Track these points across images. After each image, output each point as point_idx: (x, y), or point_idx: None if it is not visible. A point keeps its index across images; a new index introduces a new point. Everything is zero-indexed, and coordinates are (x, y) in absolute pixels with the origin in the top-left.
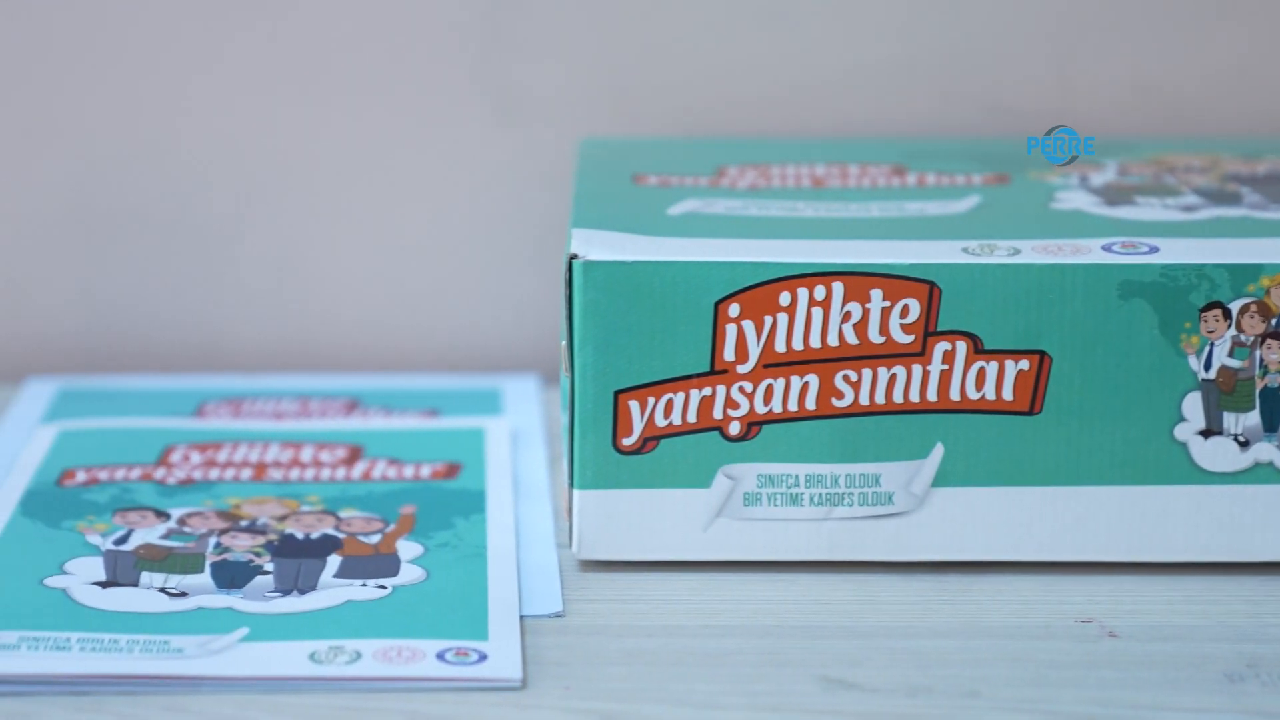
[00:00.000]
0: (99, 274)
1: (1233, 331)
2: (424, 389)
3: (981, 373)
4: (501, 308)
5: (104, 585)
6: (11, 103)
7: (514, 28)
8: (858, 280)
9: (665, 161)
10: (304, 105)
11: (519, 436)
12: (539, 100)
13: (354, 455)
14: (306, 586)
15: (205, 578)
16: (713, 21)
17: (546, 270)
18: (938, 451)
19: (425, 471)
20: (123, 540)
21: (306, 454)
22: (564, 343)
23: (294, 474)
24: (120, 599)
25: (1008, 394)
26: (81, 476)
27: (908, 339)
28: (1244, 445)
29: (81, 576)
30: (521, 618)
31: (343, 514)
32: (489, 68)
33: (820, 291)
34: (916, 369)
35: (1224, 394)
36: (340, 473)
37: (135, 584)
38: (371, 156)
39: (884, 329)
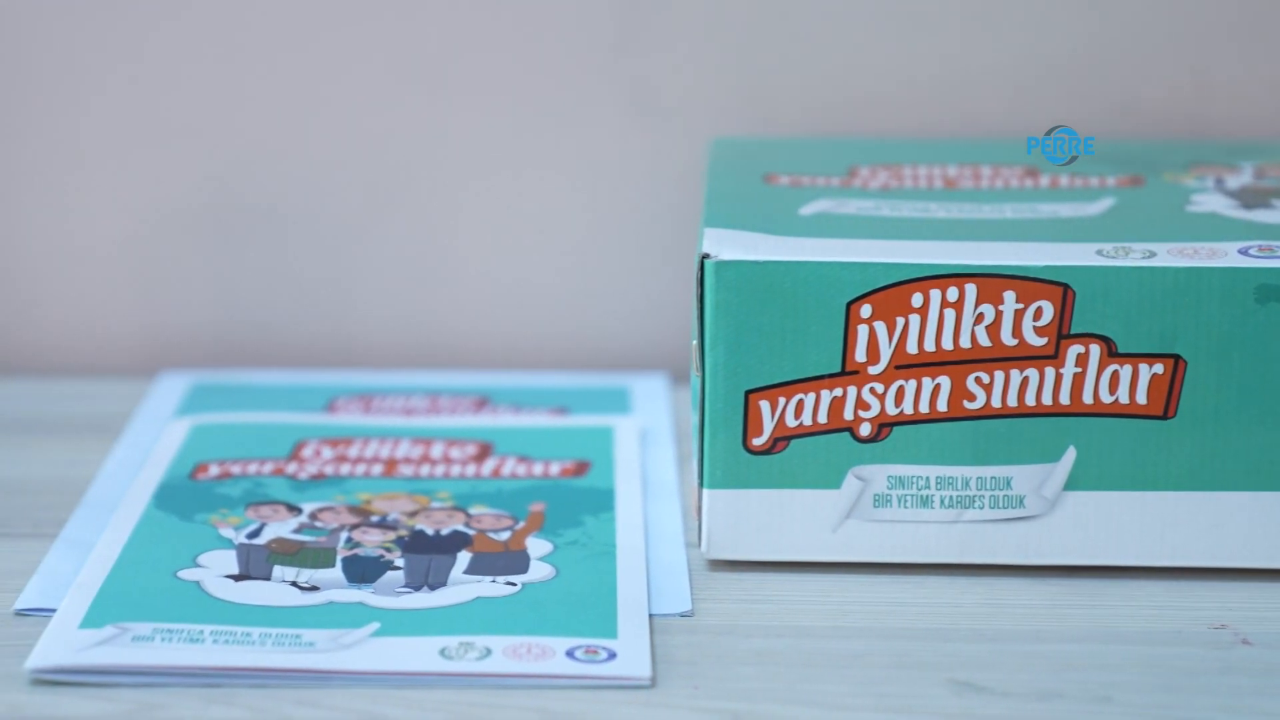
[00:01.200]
0: (232, 270)
1: None
2: (553, 387)
3: (1115, 376)
4: (631, 306)
5: (236, 578)
6: (147, 100)
7: (646, 27)
8: (991, 282)
9: (797, 161)
10: (437, 102)
11: (648, 435)
12: (671, 99)
13: (484, 452)
14: (437, 582)
15: (336, 572)
16: (845, 21)
17: (676, 269)
18: (1070, 455)
19: (554, 469)
20: (255, 534)
21: (437, 450)
22: (695, 342)
23: (424, 470)
24: (252, 592)
25: (1141, 398)
26: (214, 470)
27: (1041, 341)
28: None
29: (214, 569)
30: (650, 616)
31: (473, 510)
32: (621, 67)
33: (953, 293)
34: (1049, 371)
35: None
36: (470, 469)
37: (267, 578)
38: (503, 154)
39: (1017, 331)
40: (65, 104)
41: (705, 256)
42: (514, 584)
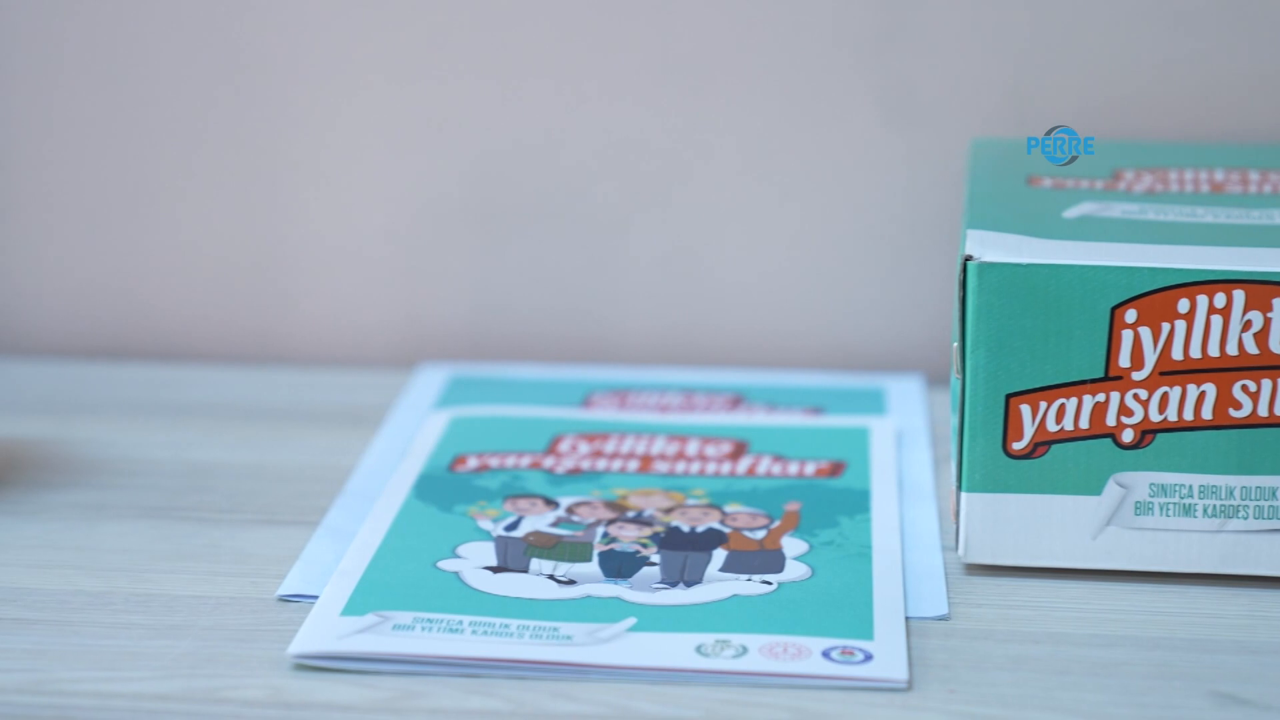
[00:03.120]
0: (492, 264)
1: None
2: (808, 386)
3: None
4: (887, 307)
5: (495, 570)
6: (410, 97)
7: (906, 26)
8: (1260, 289)
9: None
10: (693, 100)
11: (903, 437)
12: (930, 99)
13: (739, 450)
14: (692, 579)
15: (593, 567)
16: (1109, 21)
17: (933, 270)
18: None
19: (810, 469)
20: (513, 527)
21: (692, 447)
22: (956, 344)
23: (680, 467)
24: (510, 584)
25: None
26: (473, 463)
27: None
28: None
29: (473, 561)
30: (906, 619)
31: (728, 508)
32: (881, 66)
33: (1220, 299)
34: None
35: None
36: (725, 467)
37: (525, 570)
38: (760, 152)
39: None
40: (332, 99)
41: (968, 258)
42: (769, 583)
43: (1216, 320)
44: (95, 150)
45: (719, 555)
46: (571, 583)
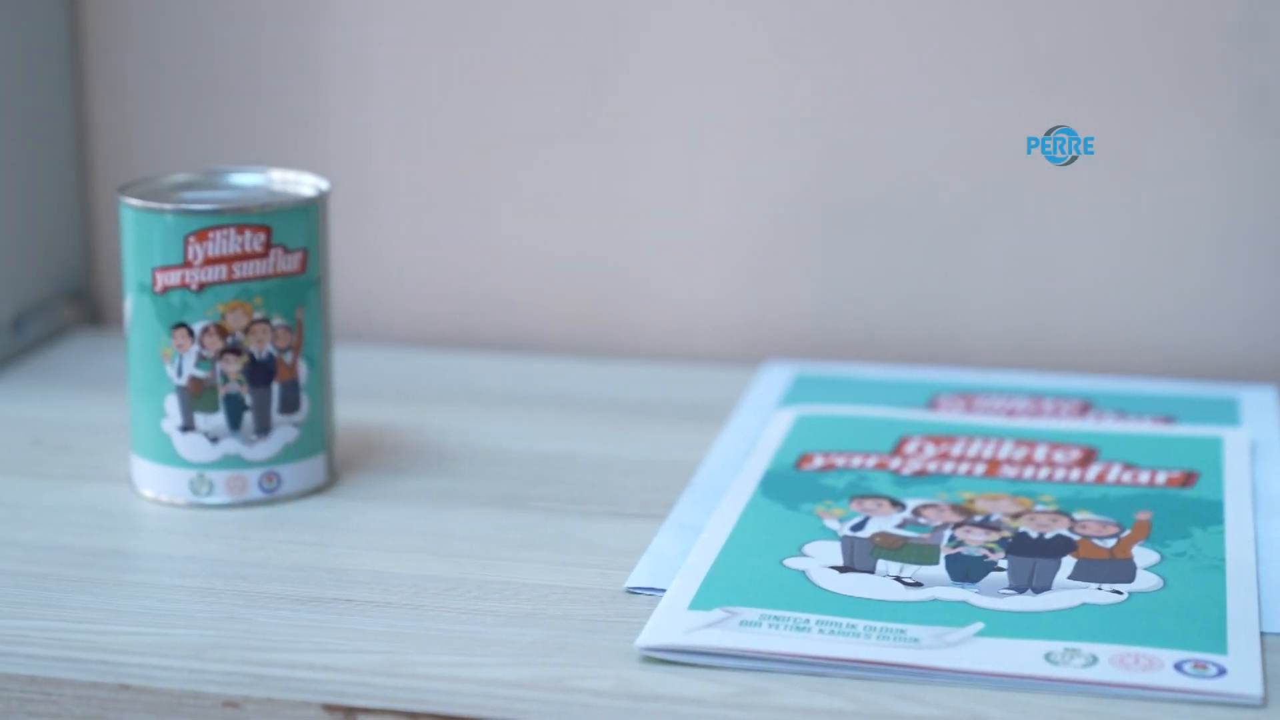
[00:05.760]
0: (838, 263)
1: None
2: (1158, 394)
3: None
4: (1243, 315)
5: (841, 570)
6: (760, 95)
7: (1271, 26)
8: None
9: None
10: (1047, 100)
11: (1257, 448)
12: None
13: (1088, 457)
14: (1041, 586)
15: (940, 570)
16: None
17: None
18: None
19: (1161, 478)
20: (859, 527)
21: (1040, 453)
22: None
23: (1027, 472)
24: (857, 585)
25: None
26: (819, 461)
27: None
28: None
29: (820, 560)
30: (1261, 634)
31: (1077, 515)
32: (1245, 70)
33: None
34: None
35: None
36: (1074, 474)
37: (871, 571)
38: (1115, 155)
39: None
40: (684, 96)
41: None
42: (1119, 592)
43: None
44: (453, 145)
45: (1068, 563)
46: (918, 585)
